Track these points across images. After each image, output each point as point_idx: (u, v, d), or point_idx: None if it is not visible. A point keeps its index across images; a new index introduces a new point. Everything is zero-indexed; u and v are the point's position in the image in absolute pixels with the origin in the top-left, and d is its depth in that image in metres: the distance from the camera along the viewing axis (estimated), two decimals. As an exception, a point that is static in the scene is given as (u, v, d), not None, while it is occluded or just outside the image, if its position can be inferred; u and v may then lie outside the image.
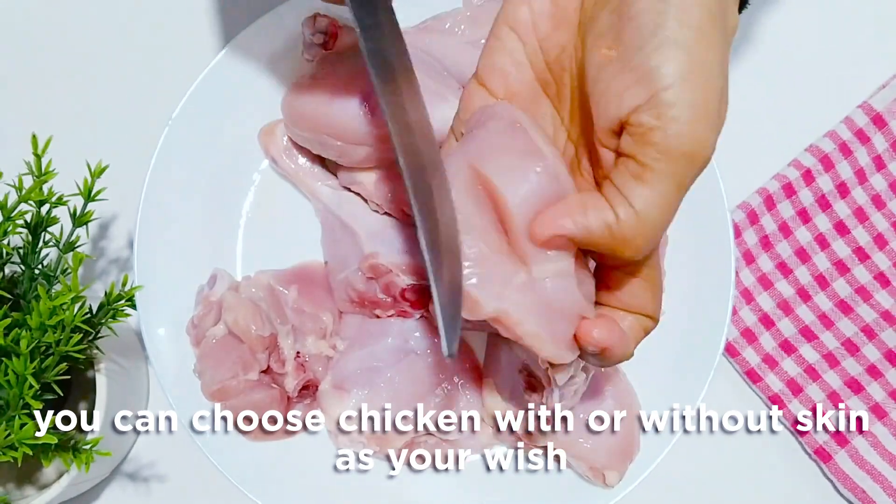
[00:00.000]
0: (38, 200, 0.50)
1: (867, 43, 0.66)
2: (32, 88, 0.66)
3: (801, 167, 0.62)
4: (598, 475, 0.54)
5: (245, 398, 0.54)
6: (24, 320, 0.47)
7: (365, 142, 0.54)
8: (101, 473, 0.59)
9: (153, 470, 0.61)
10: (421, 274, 0.55)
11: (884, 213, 0.63)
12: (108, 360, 0.54)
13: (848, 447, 0.59)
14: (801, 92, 0.65)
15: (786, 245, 0.62)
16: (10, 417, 0.45)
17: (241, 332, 0.54)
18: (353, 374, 0.56)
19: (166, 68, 0.65)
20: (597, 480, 0.55)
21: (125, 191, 0.57)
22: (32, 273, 0.51)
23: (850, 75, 0.65)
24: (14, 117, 0.66)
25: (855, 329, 0.61)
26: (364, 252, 0.55)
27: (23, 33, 0.67)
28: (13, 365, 0.44)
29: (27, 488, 0.56)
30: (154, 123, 0.59)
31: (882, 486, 0.58)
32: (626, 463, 0.55)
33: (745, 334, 0.61)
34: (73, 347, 0.47)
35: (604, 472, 0.54)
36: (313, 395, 0.58)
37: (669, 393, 0.56)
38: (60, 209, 0.51)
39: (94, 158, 0.53)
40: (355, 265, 0.56)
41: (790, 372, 0.60)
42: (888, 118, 0.63)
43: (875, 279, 0.62)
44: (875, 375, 0.60)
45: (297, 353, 0.56)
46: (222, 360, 0.54)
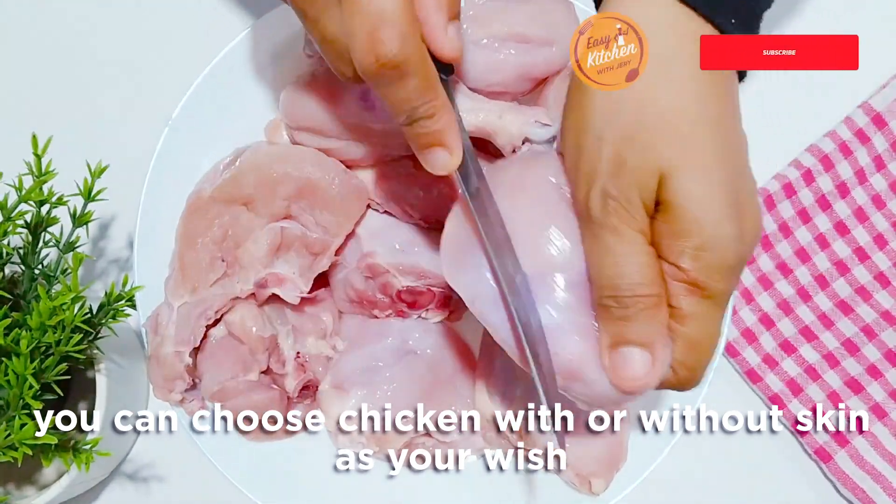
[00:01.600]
0: (38, 200, 0.50)
1: (867, 43, 0.65)
2: (32, 88, 0.66)
3: (801, 167, 0.62)
4: (585, 483, 0.54)
5: (245, 399, 0.54)
6: (25, 320, 0.47)
7: (364, 139, 0.54)
8: (101, 474, 0.59)
9: (153, 470, 0.61)
10: (418, 274, 0.55)
11: (884, 213, 0.63)
12: (108, 361, 0.54)
13: (848, 447, 0.59)
14: (801, 92, 0.65)
15: (786, 245, 0.62)
16: (10, 417, 0.46)
17: (240, 333, 0.54)
18: (353, 374, 0.56)
19: (166, 68, 0.66)
20: (583, 489, 0.54)
21: (125, 191, 0.57)
22: (32, 273, 0.51)
23: (850, 75, 0.65)
24: (14, 117, 0.66)
25: (855, 329, 0.61)
26: (363, 251, 0.55)
27: (23, 33, 0.67)
28: (13, 365, 0.45)
29: (27, 488, 0.57)
30: (154, 123, 0.59)
31: (882, 487, 0.58)
32: (612, 471, 0.54)
33: (746, 334, 0.61)
34: (73, 347, 0.47)
35: (590, 479, 0.54)
36: (313, 396, 0.58)
37: (669, 393, 0.56)
38: (60, 209, 0.51)
39: (94, 158, 0.53)
40: (354, 264, 0.56)
41: (790, 372, 0.60)
42: (888, 118, 0.63)
43: (875, 279, 0.62)
44: (875, 375, 0.60)
45: (297, 354, 0.56)
46: (222, 361, 0.54)
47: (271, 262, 0.54)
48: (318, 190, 0.55)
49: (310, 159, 0.55)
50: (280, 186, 0.54)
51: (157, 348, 0.54)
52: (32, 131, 0.51)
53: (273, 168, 0.54)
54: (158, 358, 0.53)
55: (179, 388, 0.54)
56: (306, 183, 0.54)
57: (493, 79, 0.54)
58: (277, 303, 0.56)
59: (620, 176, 0.37)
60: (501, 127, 0.49)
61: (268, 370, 0.55)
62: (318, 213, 0.55)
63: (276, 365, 0.55)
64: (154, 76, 0.66)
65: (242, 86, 0.59)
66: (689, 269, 0.37)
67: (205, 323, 0.53)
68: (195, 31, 0.66)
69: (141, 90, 0.65)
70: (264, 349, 0.55)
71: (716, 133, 0.38)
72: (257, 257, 0.54)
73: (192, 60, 0.59)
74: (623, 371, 0.38)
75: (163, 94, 0.62)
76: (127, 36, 0.66)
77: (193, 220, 0.54)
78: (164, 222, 0.57)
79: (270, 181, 0.54)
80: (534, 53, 0.54)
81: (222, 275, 0.54)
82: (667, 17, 0.39)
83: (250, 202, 0.55)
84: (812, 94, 0.65)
